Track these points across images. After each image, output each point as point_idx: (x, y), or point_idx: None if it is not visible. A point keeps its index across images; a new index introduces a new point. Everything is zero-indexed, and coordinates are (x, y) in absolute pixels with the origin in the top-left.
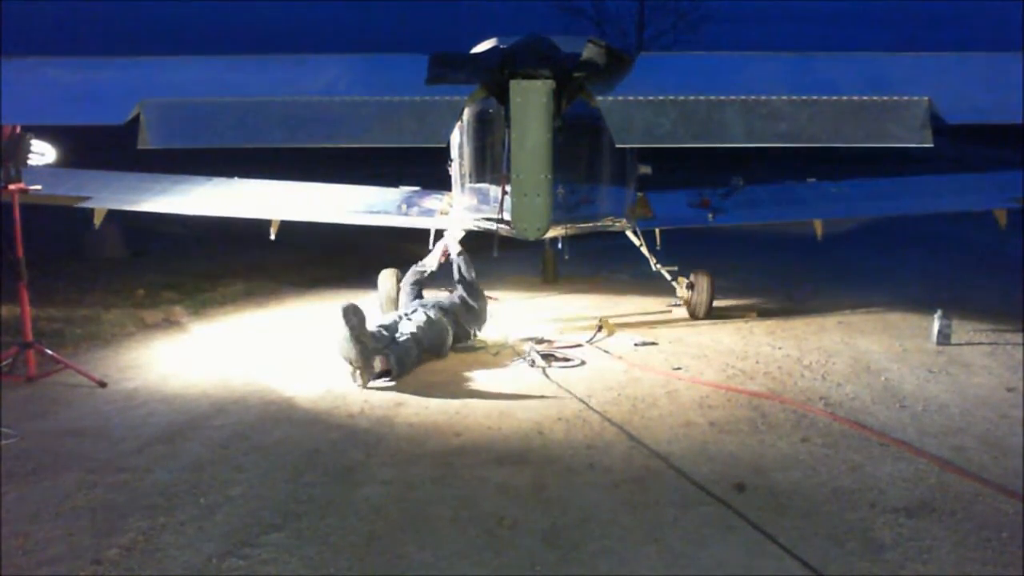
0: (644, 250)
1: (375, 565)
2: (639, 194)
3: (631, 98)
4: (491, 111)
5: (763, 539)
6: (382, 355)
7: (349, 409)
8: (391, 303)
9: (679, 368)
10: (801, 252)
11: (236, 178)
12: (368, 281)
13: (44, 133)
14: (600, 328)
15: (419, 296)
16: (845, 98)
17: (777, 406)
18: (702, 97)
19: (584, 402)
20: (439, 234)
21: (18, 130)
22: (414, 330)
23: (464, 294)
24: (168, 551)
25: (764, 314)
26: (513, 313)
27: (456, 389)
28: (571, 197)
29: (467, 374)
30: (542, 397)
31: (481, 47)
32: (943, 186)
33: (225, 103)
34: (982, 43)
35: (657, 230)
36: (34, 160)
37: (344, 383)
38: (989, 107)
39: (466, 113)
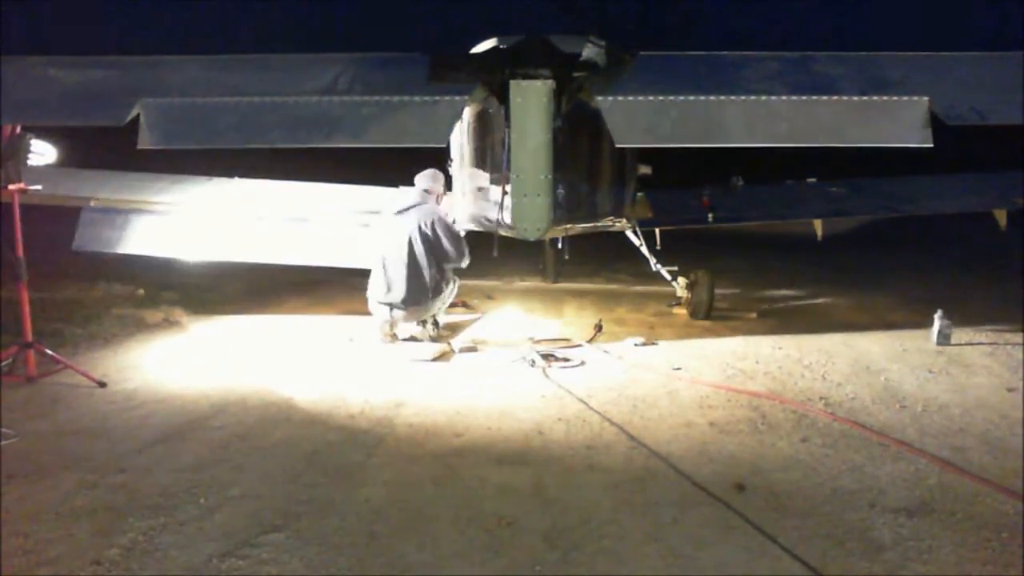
0: (644, 250)
1: (375, 565)
2: (639, 194)
3: (631, 98)
4: (491, 111)
5: (763, 539)
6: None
7: (349, 410)
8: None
9: (679, 368)
10: (801, 252)
11: (236, 178)
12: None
13: (44, 133)
14: (599, 328)
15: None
16: (845, 98)
17: (777, 406)
18: (702, 97)
19: (584, 402)
20: None
21: (18, 130)
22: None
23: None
24: (168, 551)
25: (764, 314)
26: (513, 313)
27: (456, 389)
28: (571, 197)
29: (467, 374)
30: (542, 397)
31: (481, 47)
32: (943, 186)
33: (225, 103)
34: (982, 43)
35: (657, 230)
36: (34, 160)
37: (344, 383)
38: (989, 107)
39: (466, 113)
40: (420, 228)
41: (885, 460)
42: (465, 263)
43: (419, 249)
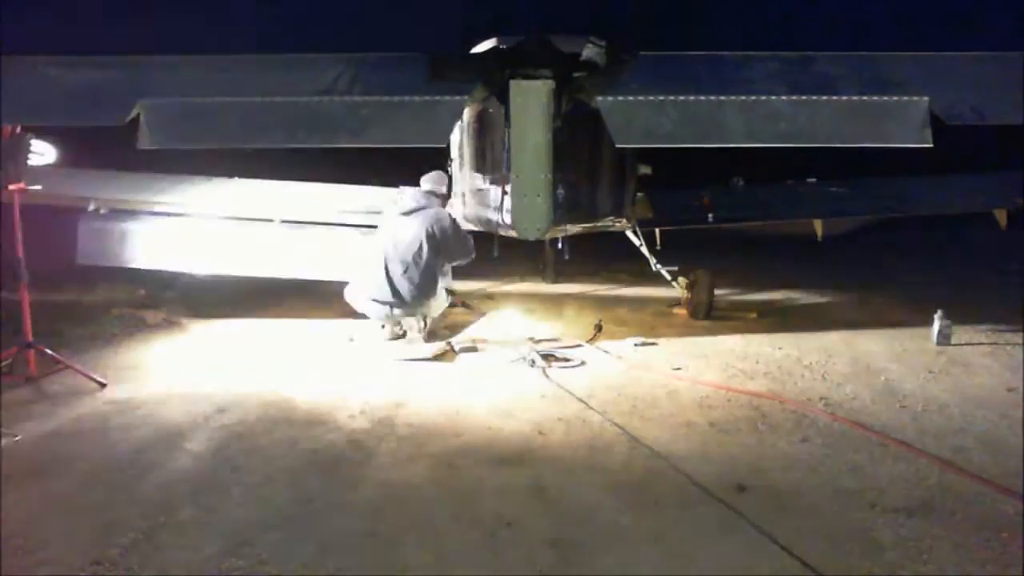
0: (644, 250)
1: (375, 565)
2: (639, 194)
3: (631, 98)
4: (491, 111)
5: (763, 539)
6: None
7: (349, 409)
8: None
9: (679, 368)
10: (801, 252)
11: (236, 178)
12: None
13: (44, 133)
14: (599, 328)
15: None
16: (845, 98)
17: (777, 406)
18: (702, 97)
19: (584, 402)
20: None
21: (18, 130)
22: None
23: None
24: (168, 551)
25: (764, 314)
26: (513, 313)
27: (456, 389)
28: (571, 197)
29: (467, 374)
30: (542, 397)
31: (481, 47)
32: (943, 186)
33: (225, 103)
34: (982, 43)
35: (657, 230)
36: (34, 160)
37: (344, 383)
38: (989, 107)
39: (466, 113)
40: (429, 231)
41: (885, 460)
42: (472, 258)
43: (426, 252)
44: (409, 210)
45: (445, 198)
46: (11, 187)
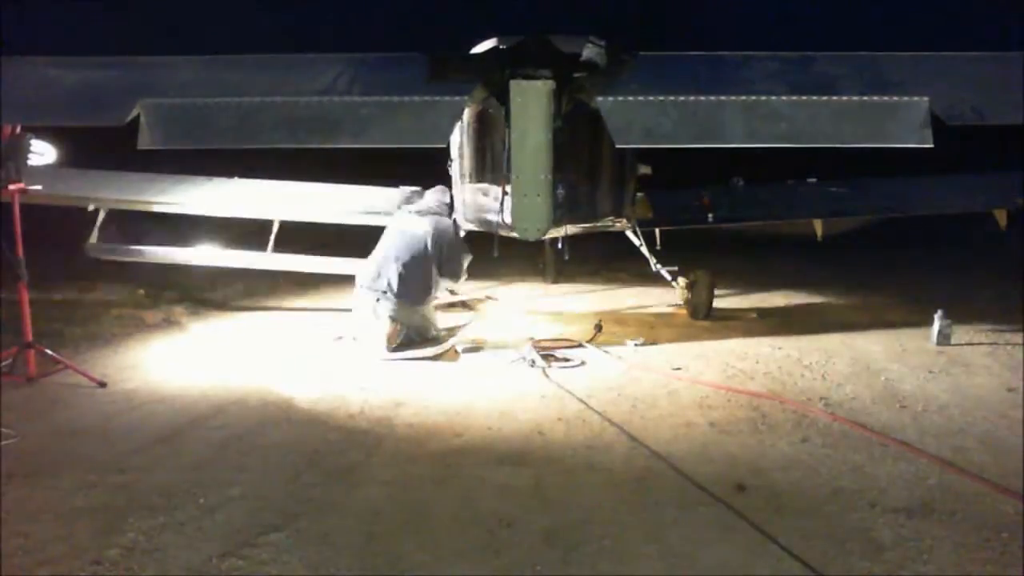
0: (644, 250)
1: (375, 565)
2: (639, 194)
3: (631, 98)
4: (491, 111)
5: (763, 539)
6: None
7: (349, 409)
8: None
9: (679, 368)
10: (801, 252)
11: (236, 178)
12: None
13: (44, 133)
14: (599, 328)
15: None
16: (845, 98)
17: (777, 406)
18: (702, 97)
19: (584, 402)
20: None
21: (18, 130)
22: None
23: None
24: (168, 551)
25: (764, 314)
26: (513, 313)
27: (456, 389)
28: (571, 197)
29: (467, 374)
30: (542, 397)
31: (481, 47)
32: (943, 186)
33: (225, 103)
34: (982, 43)
35: (657, 230)
36: (34, 160)
37: (344, 383)
38: (989, 107)
39: (466, 113)
40: (434, 233)
41: (885, 460)
42: (460, 282)
43: (426, 252)
44: (424, 210)
45: (451, 208)
46: (11, 187)
